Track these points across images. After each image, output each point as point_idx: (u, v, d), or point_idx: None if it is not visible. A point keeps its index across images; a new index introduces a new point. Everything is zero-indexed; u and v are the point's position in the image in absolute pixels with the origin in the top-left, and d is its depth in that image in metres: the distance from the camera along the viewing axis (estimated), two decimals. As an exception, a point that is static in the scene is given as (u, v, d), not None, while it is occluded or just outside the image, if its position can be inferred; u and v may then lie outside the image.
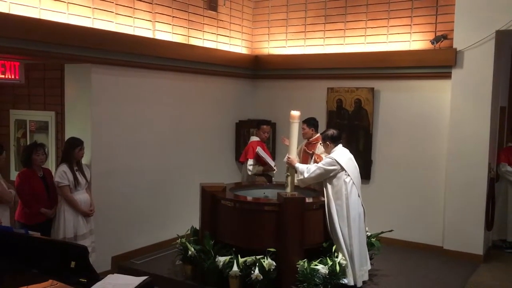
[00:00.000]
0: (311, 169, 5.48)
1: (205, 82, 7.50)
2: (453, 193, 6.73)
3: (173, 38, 6.83)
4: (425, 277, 5.97)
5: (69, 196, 5.33)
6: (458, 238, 6.71)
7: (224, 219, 5.58)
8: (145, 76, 6.46)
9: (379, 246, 5.87)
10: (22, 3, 5.00)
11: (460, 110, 6.65)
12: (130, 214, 6.38)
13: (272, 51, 8.33)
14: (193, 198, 6.33)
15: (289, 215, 5.15)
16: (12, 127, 6.80)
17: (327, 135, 5.62)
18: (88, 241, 5.40)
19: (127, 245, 6.36)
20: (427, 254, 6.82)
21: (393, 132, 7.29)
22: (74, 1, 5.51)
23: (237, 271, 5.12)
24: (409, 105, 7.17)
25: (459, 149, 6.65)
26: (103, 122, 5.95)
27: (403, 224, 7.07)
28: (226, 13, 7.83)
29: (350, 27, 7.60)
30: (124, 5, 6.11)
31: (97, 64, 5.80)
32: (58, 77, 6.30)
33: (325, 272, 5.03)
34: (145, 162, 6.54)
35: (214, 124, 7.75)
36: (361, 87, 7.41)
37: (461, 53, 6.60)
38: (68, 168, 5.36)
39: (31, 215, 5.26)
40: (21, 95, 6.74)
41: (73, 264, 3.00)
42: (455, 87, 6.69)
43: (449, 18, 6.78)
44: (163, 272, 5.85)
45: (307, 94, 7.88)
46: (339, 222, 5.31)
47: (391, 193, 7.30)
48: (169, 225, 6.80)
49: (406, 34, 7.17)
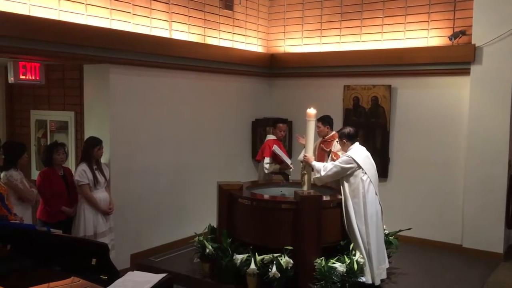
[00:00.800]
0: (327, 167, 5.47)
1: (221, 81, 7.53)
2: (472, 191, 6.65)
3: (190, 37, 6.87)
4: (443, 275, 5.92)
5: (89, 194, 5.42)
6: (477, 236, 6.63)
7: (241, 218, 5.60)
8: (162, 75, 6.51)
9: (397, 244, 5.84)
10: (41, 5, 5.09)
11: (479, 107, 6.57)
12: (149, 212, 6.45)
13: (288, 49, 8.33)
14: (210, 196, 6.37)
15: (306, 213, 5.15)
16: (33, 127, 6.92)
17: (343, 133, 5.60)
18: (107, 239, 5.48)
19: (145, 243, 6.43)
20: (445, 252, 6.75)
21: (411, 130, 7.23)
22: (92, 2, 5.58)
23: (255, 269, 5.14)
24: (427, 102, 7.10)
25: (478, 146, 6.58)
26: (121, 122, 6.03)
27: (421, 222, 7.01)
28: (242, 12, 7.85)
29: (366, 24, 7.55)
30: (141, 5, 6.18)
31: (115, 64, 5.87)
32: (77, 78, 6.40)
33: (342, 270, 5.02)
34: (163, 161, 6.60)
35: (230, 123, 7.78)
36: (378, 85, 7.36)
37: (480, 49, 6.51)
38: (88, 167, 5.44)
39: (52, 213, 5.35)
40: (41, 95, 6.86)
41: (94, 261, 3.05)
42: (474, 83, 6.61)
43: (468, 14, 6.69)
44: (181, 270, 5.90)
45: (323, 92, 7.86)
46: (356, 220, 5.29)
47: (409, 191, 7.24)
48: (186, 223, 6.85)
49: (423, 30, 7.09)
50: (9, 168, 5.03)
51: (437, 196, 7.04)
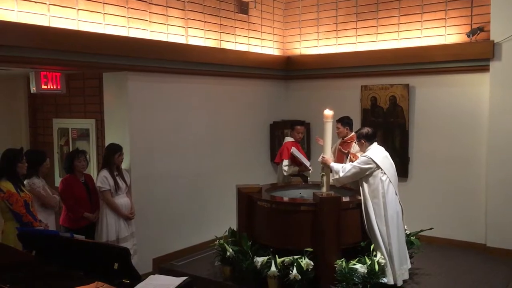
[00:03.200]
0: (346, 168, 5.45)
1: (239, 85, 7.57)
2: (494, 189, 6.55)
3: (206, 42, 6.94)
4: (467, 275, 5.84)
5: (111, 200, 5.50)
6: (502, 235, 6.51)
7: (260, 220, 5.62)
8: (179, 81, 6.59)
9: (419, 244, 5.79)
10: (61, 16, 5.20)
11: (499, 103, 6.47)
12: (169, 217, 6.52)
13: (304, 51, 8.33)
14: (229, 200, 6.41)
15: (325, 214, 5.14)
16: (56, 135, 7.07)
17: (361, 133, 5.58)
18: (130, 244, 5.56)
19: (167, 247, 6.50)
20: (469, 252, 6.66)
21: (430, 128, 7.15)
22: (110, 11, 5.68)
23: (275, 271, 5.14)
24: (445, 100, 7.02)
25: (500, 143, 6.47)
26: (140, 127, 6.11)
27: (443, 222, 6.92)
28: (257, 15, 7.89)
29: (382, 23, 7.51)
30: (158, 13, 6.26)
31: (133, 71, 5.96)
32: (97, 86, 6.51)
33: (364, 272, 5.00)
34: (182, 165, 6.67)
35: (248, 126, 7.81)
36: (395, 84, 7.31)
37: (499, 45, 6.42)
38: (109, 173, 5.53)
39: (75, 219, 5.44)
40: (63, 104, 7.00)
41: (116, 266, 3.10)
42: (494, 80, 6.51)
43: (485, 10, 6.60)
44: (202, 273, 5.94)
45: (340, 93, 7.83)
46: (376, 221, 5.26)
47: (430, 190, 7.16)
48: (207, 227, 6.90)
49: (440, 28, 7.02)
50: (31, 176, 5.14)
51: (459, 195, 6.95)
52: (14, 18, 4.81)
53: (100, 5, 5.57)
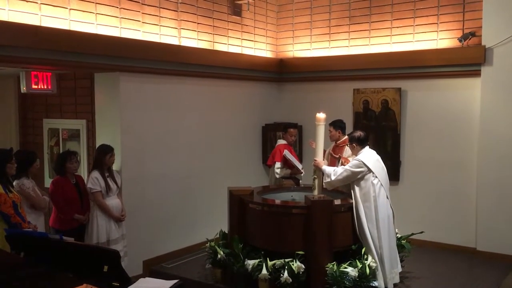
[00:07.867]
0: (338, 171, 5.46)
1: (231, 86, 7.56)
2: (485, 193, 6.59)
3: (199, 44, 6.92)
4: (457, 279, 5.86)
5: (101, 201, 5.46)
6: (491, 239, 6.55)
7: (252, 223, 5.61)
8: (172, 82, 6.56)
9: (409, 248, 5.80)
10: (52, 15, 5.16)
11: (490, 108, 6.52)
12: (160, 219, 6.48)
13: (297, 54, 8.34)
14: (221, 202, 6.39)
15: (317, 217, 5.14)
16: (46, 136, 7.00)
17: (353, 137, 5.59)
18: (120, 246, 5.52)
19: (157, 249, 6.46)
20: (459, 255, 6.69)
21: (422, 132, 7.19)
22: (102, 11, 5.65)
23: (266, 274, 5.14)
24: (437, 104, 7.06)
25: (490, 148, 6.52)
26: (132, 129, 6.08)
27: (434, 225, 6.96)
28: (250, 17, 7.88)
29: (375, 27, 7.54)
30: (151, 13, 6.24)
31: (125, 72, 5.93)
32: (88, 86, 6.47)
33: (355, 275, 5.00)
34: (174, 167, 6.64)
35: (240, 128, 7.80)
36: (387, 88, 7.34)
37: (490, 50, 6.47)
38: (100, 174, 5.49)
39: (65, 221, 5.40)
40: (53, 104, 6.94)
41: (105, 268, 3.06)
42: (485, 84, 6.56)
43: (477, 15, 6.65)
44: (193, 276, 5.92)
45: (333, 96, 7.85)
46: (367, 224, 5.27)
47: (421, 194, 7.19)
48: (198, 229, 6.87)
49: (432, 32, 7.06)
50: (20, 177, 5.09)
51: (450, 199, 6.98)
52: (5, 17, 4.77)
53: (92, 5, 5.53)
